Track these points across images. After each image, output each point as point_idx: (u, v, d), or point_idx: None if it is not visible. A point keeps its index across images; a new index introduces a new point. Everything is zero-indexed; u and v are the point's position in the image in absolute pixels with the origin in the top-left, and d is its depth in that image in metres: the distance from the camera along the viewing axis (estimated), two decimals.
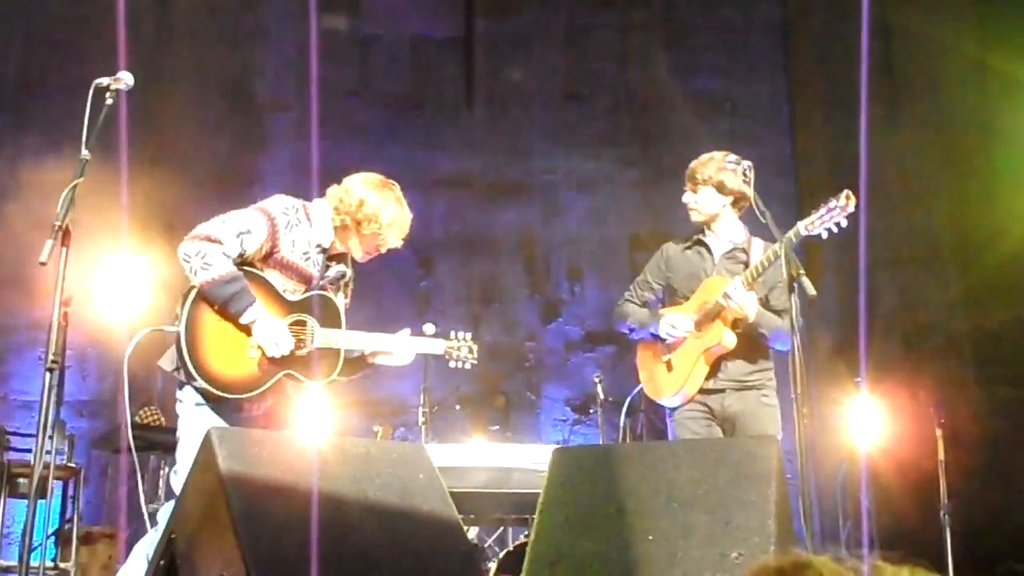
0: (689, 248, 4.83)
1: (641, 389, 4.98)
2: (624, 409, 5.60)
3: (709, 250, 4.78)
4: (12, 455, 7.49)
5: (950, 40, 8.94)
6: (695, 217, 4.74)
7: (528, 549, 2.94)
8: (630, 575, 2.74)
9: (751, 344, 4.61)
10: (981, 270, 8.84)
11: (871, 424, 8.71)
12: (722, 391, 4.60)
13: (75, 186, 3.53)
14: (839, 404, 9.22)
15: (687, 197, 4.73)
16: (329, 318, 4.00)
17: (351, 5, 10.29)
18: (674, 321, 4.67)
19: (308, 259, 4.03)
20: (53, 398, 3.62)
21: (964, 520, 7.12)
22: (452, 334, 4.48)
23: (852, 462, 9.04)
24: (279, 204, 4.02)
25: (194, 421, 3.81)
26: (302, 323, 3.95)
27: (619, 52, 10.42)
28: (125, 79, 3.76)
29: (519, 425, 9.52)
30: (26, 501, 7.14)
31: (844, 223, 4.35)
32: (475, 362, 4.51)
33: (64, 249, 3.51)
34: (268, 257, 3.95)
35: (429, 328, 6.46)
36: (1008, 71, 8.69)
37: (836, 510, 8.71)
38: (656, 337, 4.75)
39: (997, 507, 7.90)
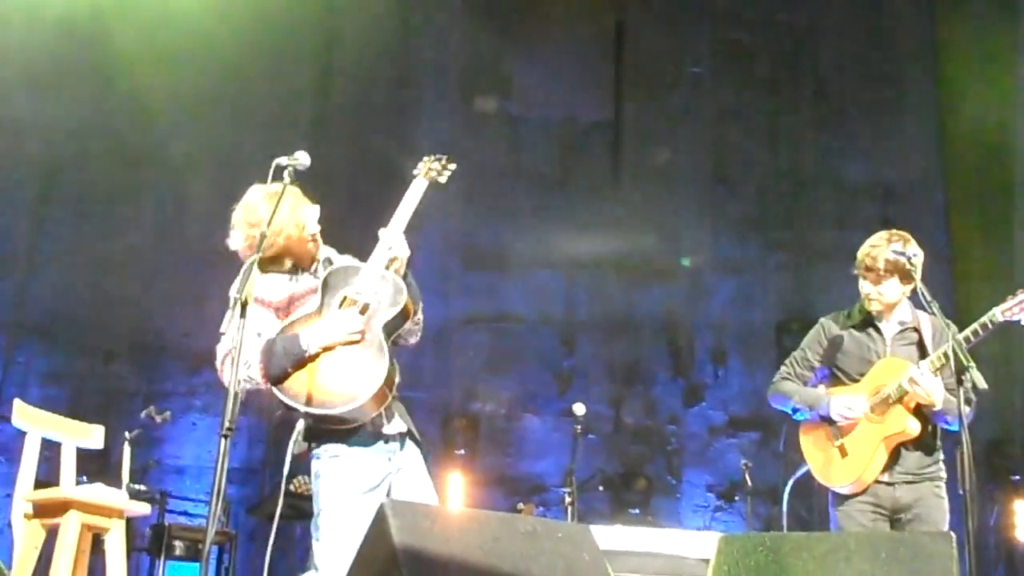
0: (856, 327, 4.67)
1: (806, 473, 4.79)
2: (787, 491, 5.44)
3: (879, 330, 4.62)
4: (168, 518, 7.72)
5: None
6: (875, 308, 4.56)
7: None
8: None
9: (928, 433, 4.44)
10: None
11: None
12: (894, 484, 4.42)
13: (255, 261, 3.66)
14: (996, 501, 8.90)
15: (868, 288, 4.53)
16: (350, 273, 3.95)
17: (501, 87, 10.52)
18: (849, 403, 4.50)
19: (297, 281, 4.02)
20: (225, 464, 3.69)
21: None
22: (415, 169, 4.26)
23: (1011, 564, 8.68)
24: (259, 288, 3.96)
25: (335, 474, 3.81)
26: (344, 298, 3.90)
27: (767, 133, 10.39)
28: (302, 159, 3.88)
29: (659, 510, 9.42)
30: (181, 563, 7.40)
31: None
32: (449, 171, 4.31)
33: (242, 321, 3.63)
34: (279, 311, 3.95)
35: (579, 407, 6.51)
36: None
37: None
38: (824, 419, 4.59)
39: None
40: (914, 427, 4.38)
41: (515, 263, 9.70)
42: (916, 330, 4.59)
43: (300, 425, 3.79)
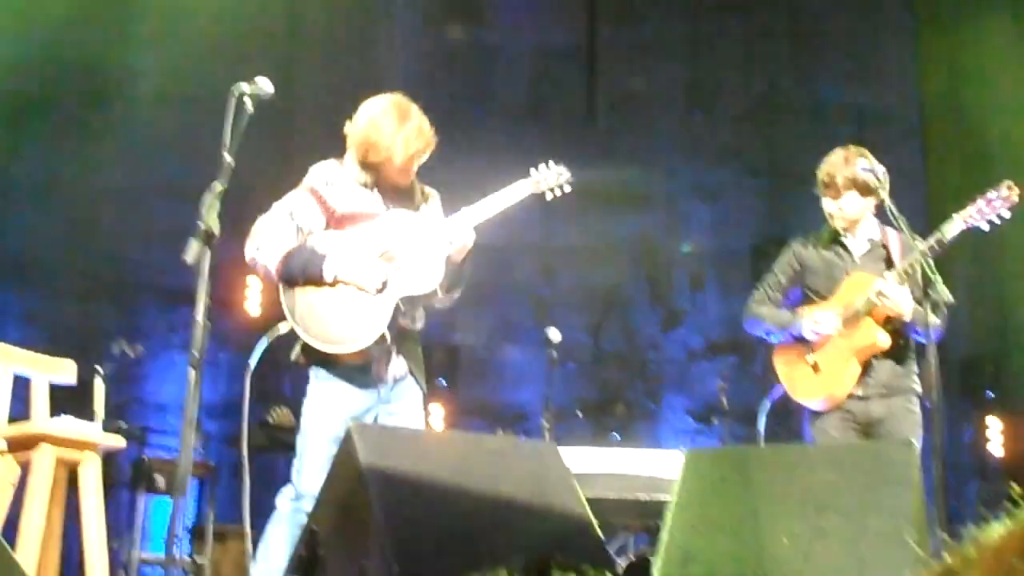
0: (825, 247, 4.68)
1: (782, 394, 4.79)
2: (764, 413, 5.48)
3: (847, 249, 4.64)
4: (148, 452, 7.75)
5: None
6: (839, 224, 4.59)
7: (660, 549, 2.95)
8: (764, 574, 2.73)
9: (900, 346, 4.47)
10: None
11: (1006, 438, 8.48)
12: (868, 398, 4.45)
13: (220, 192, 3.62)
14: (970, 418, 9.01)
15: (829, 205, 4.57)
16: (407, 232, 3.95)
17: (473, 15, 10.42)
18: (819, 318, 4.52)
19: (366, 200, 4.01)
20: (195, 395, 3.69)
21: None
22: (532, 170, 4.24)
23: (984, 478, 8.80)
24: (313, 171, 4.06)
25: (320, 398, 3.92)
26: (387, 250, 3.93)
27: (743, 59, 10.33)
28: (265, 86, 3.83)
29: (639, 434, 9.49)
30: (162, 498, 7.45)
31: (1007, 215, 4.25)
32: (569, 188, 4.30)
33: (208, 250, 3.60)
34: (332, 219, 3.97)
35: (555, 333, 6.54)
36: None
37: (967, 525, 8.46)
38: (797, 339, 4.61)
39: None
40: (884, 339, 4.40)
41: (491, 192, 9.61)
42: (884, 247, 4.60)
43: (283, 327, 3.95)
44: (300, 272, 3.86)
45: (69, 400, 4.81)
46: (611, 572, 2.71)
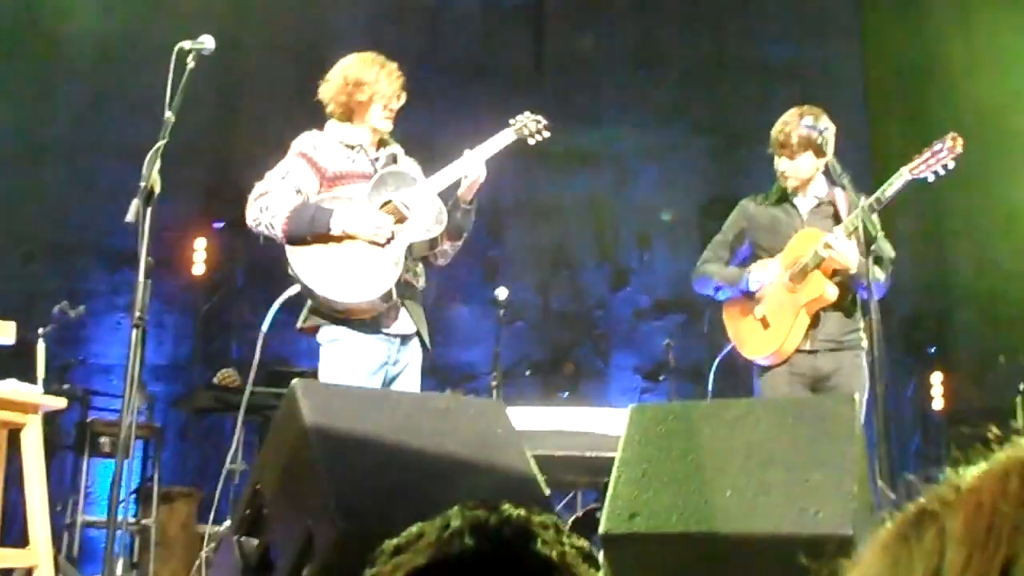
0: (773, 204, 4.72)
1: (731, 349, 4.83)
2: (713, 368, 5.52)
3: (795, 206, 4.68)
4: (93, 415, 7.68)
5: None
6: (792, 184, 4.61)
7: (606, 503, 2.97)
8: (708, 528, 2.76)
9: (846, 300, 4.51)
10: None
11: (947, 393, 8.63)
12: (815, 352, 4.49)
13: (160, 148, 3.59)
14: (913, 373, 9.16)
15: (784, 164, 4.58)
16: (406, 182, 4.08)
17: None
18: (767, 274, 4.56)
19: (353, 161, 4.13)
20: (138, 356, 3.65)
21: None
22: (512, 120, 4.44)
23: (926, 432, 8.97)
24: (298, 140, 4.17)
25: (335, 358, 3.95)
26: (388, 201, 4.02)
27: (690, 19, 10.32)
28: (207, 43, 3.80)
29: (588, 392, 9.54)
30: (107, 460, 7.38)
31: (951, 165, 4.32)
32: (548, 132, 4.51)
33: (149, 209, 3.56)
34: (325, 179, 4.08)
35: (502, 292, 6.55)
36: None
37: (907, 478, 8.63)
38: (746, 295, 4.65)
39: None
40: (832, 292, 4.45)
41: (438, 152, 9.53)
42: (832, 203, 4.65)
43: (292, 290, 3.99)
44: (308, 228, 3.91)
45: (10, 363, 4.75)
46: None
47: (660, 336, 9.22)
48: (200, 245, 9.03)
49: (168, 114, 3.66)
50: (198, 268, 9.06)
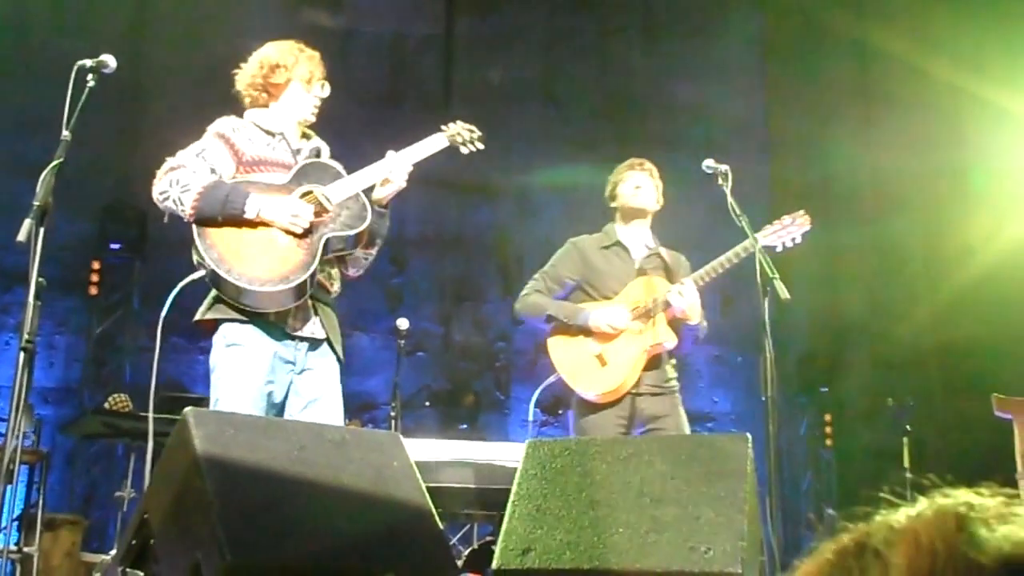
0: (606, 248, 4.89)
1: (556, 383, 4.89)
2: (533, 402, 5.60)
3: (628, 252, 4.86)
4: None
5: (924, 61, 9.07)
6: (638, 203, 4.86)
7: (500, 538, 2.97)
8: (601, 565, 2.77)
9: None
10: (951, 286, 8.99)
11: (837, 433, 8.81)
12: (640, 395, 4.64)
13: (55, 166, 3.51)
14: (806, 412, 9.34)
15: (643, 179, 4.88)
16: (330, 175, 3.86)
17: (333, 0, 10.29)
18: (612, 315, 4.67)
19: (273, 148, 3.93)
20: (25, 379, 3.55)
21: None
22: (444, 126, 4.24)
23: (817, 470, 9.14)
24: (216, 122, 3.96)
25: (231, 364, 3.69)
26: (309, 192, 3.81)
27: (598, 55, 10.46)
28: (108, 62, 3.74)
29: (488, 425, 9.55)
30: None
31: (799, 239, 4.58)
32: (482, 146, 4.31)
33: (41, 229, 3.48)
34: (241, 164, 3.88)
35: (403, 322, 6.54)
36: (982, 94, 8.84)
37: (799, 516, 8.79)
38: (580, 330, 4.73)
39: None
40: (673, 339, 4.66)
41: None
42: (660, 256, 4.88)
43: (196, 274, 3.71)
44: (220, 208, 3.65)
45: None
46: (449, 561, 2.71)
47: None
48: (96, 266, 8.85)
49: (65, 133, 3.58)
50: (93, 289, 8.87)
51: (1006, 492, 0.84)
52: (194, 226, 3.69)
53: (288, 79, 4.00)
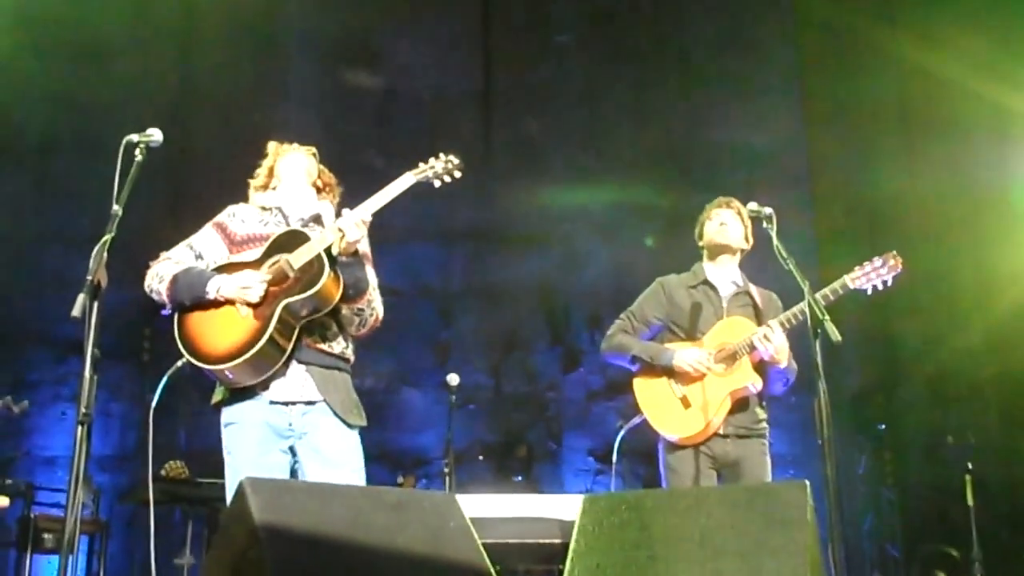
0: (693, 287, 4.83)
1: (641, 424, 4.84)
2: (617, 445, 5.55)
3: (715, 291, 4.80)
4: (37, 510, 7.51)
5: (967, 81, 8.99)
6: (723, 239, 4.78)
7: None
8: None
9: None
10: (1002, 312, 8.84)
11: (897, 471, 8.66)
12: (727, 437, 4.59)
13: (107, 241, 3.56)
14: (863, 451, 9.20)
15: (728, 216, 4.79)
16: (299, 241, 3.86)
17: (371, 60, 10.40)
18: (697, 357, 4.62)
19: (265, 224, 4.05)
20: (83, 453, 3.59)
21: (991, 567, 7.06)
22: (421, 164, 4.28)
23: (878, 511, 8.98)
24: (227, 207, 4.17)
25: (232, 443, 3.86)
26: (276, 261, 3.85)
27: (636, 106, 10.46)
28: (155, 135, 3.81)
29: (541, 475, 9.50)
30: (51, 557, 7.20)
31: (890, 282, 4.45)
32: (459, 173, 4.34)
33: (95, 304, 3.52)
34: (233, 244, 4.01)
35: (453, 378, 6.54)
36: None
37: (863, 558, 8.64)
38: (664, 371, 4.69)
39: None
40: (759, 382, 4.58)
41: (390, 237, 9.55)
42: (749, 295, 4.81)
43: (180, 362, 3.95)
44: (188, 293, 3.84)
45: None
46: None
47: (612, 417, 9.22)
48: (147, 332, 8.95)
49: (116, 207, 3.63)
50: (145, 355, 8.97)
51: None
52: (173, 313, 3.90)
53: (276, 155, 4.23)
